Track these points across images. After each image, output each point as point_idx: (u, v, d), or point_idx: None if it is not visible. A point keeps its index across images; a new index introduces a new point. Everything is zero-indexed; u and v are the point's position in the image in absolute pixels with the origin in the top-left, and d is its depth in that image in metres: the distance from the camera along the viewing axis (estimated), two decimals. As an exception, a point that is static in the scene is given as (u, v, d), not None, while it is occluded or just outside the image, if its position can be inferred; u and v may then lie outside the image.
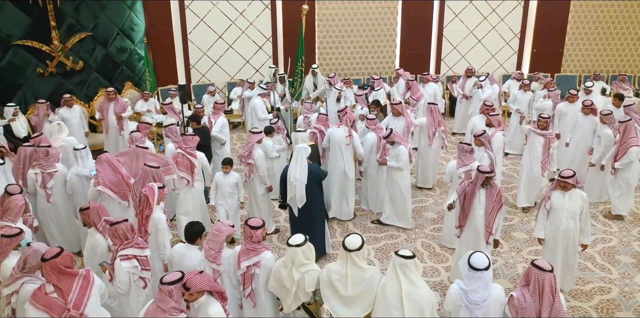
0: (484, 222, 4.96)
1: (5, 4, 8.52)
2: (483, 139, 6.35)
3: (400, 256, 3.54)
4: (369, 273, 3.69)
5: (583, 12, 12.05)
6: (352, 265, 3.69)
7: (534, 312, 3.33)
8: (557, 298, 3.34)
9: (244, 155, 6.31)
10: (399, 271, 3.54)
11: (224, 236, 4.06)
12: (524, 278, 3.46)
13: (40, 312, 3.38)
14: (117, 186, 5.28)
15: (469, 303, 3.40)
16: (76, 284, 3.48)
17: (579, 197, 4.86)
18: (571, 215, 4.86)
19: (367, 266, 3.75)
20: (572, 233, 4.91)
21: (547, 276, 3.33)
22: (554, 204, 4.87)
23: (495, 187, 4.96)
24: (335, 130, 6.77)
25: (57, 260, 3.41)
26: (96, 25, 9.70)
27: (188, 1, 11.15)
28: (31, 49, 8.96)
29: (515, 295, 3.42)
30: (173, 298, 3.21)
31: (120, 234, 3.92)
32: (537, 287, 3.33)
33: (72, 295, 3.43)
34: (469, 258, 3.45)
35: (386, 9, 11.96)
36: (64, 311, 3.40)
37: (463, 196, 4.96)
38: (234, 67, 11.81)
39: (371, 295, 3.66)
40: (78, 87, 9.80)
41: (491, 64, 12.51)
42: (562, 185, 4.82)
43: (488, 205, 4.91)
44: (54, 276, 3.40)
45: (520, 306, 3.35)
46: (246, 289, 4.00)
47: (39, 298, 3.41)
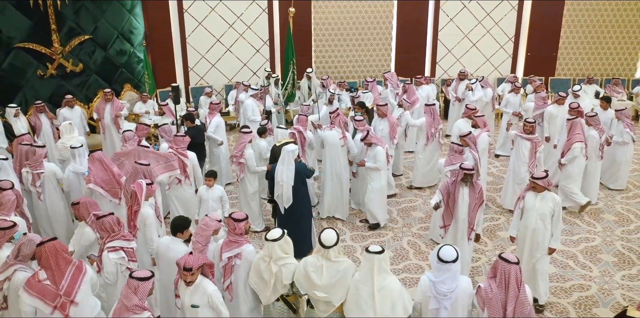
0: (467, 219, 5.09)
1: (7, 8, 8.76)
2: (468, 139, 6.50)
3: (370, 253, 3.68)
4: (343, 266, 3.84)
5: (577, 16, 12.20)
6: (327, 258, 3.85)
7: (500, 302, 3.47)
8: (522, 290, 3.48)
9: (236, 155, 6.48)
10: (371, 267, 3.67)
11: (211, 231, 4.23)
12: (491, 270, 3.60)
13: (34, 299, 3.56)
14: (108, 184, 5.45)
15: (437, 294, 3.54)
16: (69, 272, 3.66)
17: (551, 200, 4.89)
18: (540, 216, 4.90)
19: (342, 258, 3.90)
20: (540, 234, 4.94)
21: (512, 268, 3.46)
22: (526, 204, 4.96)
23: (477, 186, 5.09)
24: (328, 132, 6.93)
25: (54, 243, 3.61)
26: (96, 28, 9.93)
27: (187, 5, 11.36)
28: (32, 52, 9.20)
29: (482, 286, 3.56)
30: (137, 295, 3.29)
31: (107, 227, 4.09)
32: (504, 278, 3.47)
33: (64, 282, 3.61)
34: (438, 251, 3.60)
35: (382, 13, 12.15)
36: (57, 297, 3.57)
37: (447, 194, 5.10)
38: (232, 70, 12.02)
39: (345, 287, 3.80)
40: (78, 89, 10.02)
41: (486, 67, 12.66)
42: (533, 186, 4.90)
43: (471, 203, 5.05)
44: (50, 260, 3.58)
45: (487, 296, 3.49)
46: (225, 281, 4.13)
47: (33, 285, 3.58)
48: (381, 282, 3.65)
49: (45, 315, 3.58)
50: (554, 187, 8.01)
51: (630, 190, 8.01)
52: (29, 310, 3.58)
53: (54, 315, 3.58)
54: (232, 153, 6.65)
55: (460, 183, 5.09)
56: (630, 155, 7.89)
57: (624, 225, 6.95)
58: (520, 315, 3.44)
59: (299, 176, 5.91)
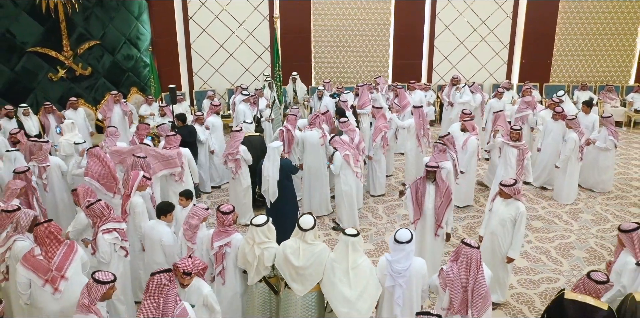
0: (434, 215, 5.37)
1: (22, 15, 9.34)
2: (446, 140, 6.82)
3: (347, 235, 4.03)
4: (318, 248, 4.15)
5: (570, 24, 12.49)
6: (304, 241, 4.16)
7: (460, 283, 3.76)
8: (480, 272, 3.76)
9: (232, 152, 6.86)
10: (346, 248, 4.00)
11: (200, 219, 4.61)
12: (453, 254, 3.89)
13: (28, 272, 3.97)
14: (104, 179, 5.86)
15: (393, 272, 3.87)
16: (61, 250, 4.07)
17: (515, 208, 4.96)
18: (500, 221, 5.01)
19: (317, 242, 4.22)
20: (497, 238, 5.05)
21: (474, 252, 3.76)
22: (493, 207, 5.17)
23: (444, 183, 5.33)
24: (308, 133, 7.28)
25: (49, 224, 4.03)
26: (104, 34, 10.47)
27: (192, 12, 11.88)
28: (44, 56, 9.75)
29: (444, 269, 3.87)
30: (89, 296, 3.45)
31: (98, 212, 4.50)
32: (465, 261, 3.75)
33: (56, 258, 4.02)
34: (395, 233, 3.95)
35: (379, 20, 12.56)
36: (48, 271, 3.98)
37: (415, 190, 5.42)
38: (234, 74, 12.48)
39: (320, 267, 4.10)
40: (86, 92, 10.55)
41: (481, 73, 12.98)
42: (499, 192, 5.05)
43: (437, 200, 5.29)
44: (45, 239, 3.99)
45: (449, 278, 3.79)
46: (217, 267, 4.46)
47: (28, 259, 4.00)
48: (355, 260, 3.96)
49: (39, 288, 3.98)
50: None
51: (612, 192, 8.25)
52: (24, 282, 3.98)
53: (45, 287, 3.97)
54: (226, 151, 7.03)
55: (427, 180, 5.36)
56: (612, 160, 8.15)
57: (601, 224, 7.20)
58: (477, 295, 3.73)
59: (284, 172, 6.29)
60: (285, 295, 4.21)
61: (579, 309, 3.48)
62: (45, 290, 3.99)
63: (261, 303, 4.39)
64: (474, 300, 3.73)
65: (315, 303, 4.12)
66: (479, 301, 3.73)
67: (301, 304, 4.10)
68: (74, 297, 3.85)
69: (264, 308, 4.41)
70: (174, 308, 3.46)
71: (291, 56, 12.09)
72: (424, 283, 4.00)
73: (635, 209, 7.65)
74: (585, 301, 3.47)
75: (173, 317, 3.42)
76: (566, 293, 3.61)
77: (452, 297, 3.77)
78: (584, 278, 3.56)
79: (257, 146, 7.20)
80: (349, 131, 7.18)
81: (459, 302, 3.75)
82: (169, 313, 3.43)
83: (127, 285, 4.80)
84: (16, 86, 9.57)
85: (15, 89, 9.54)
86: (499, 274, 5.15)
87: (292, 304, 4.13)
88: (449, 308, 3.81)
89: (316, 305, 4.13)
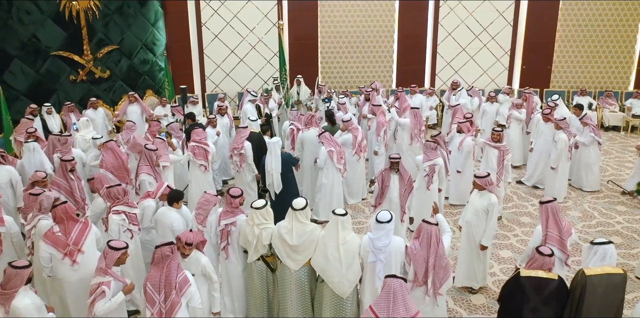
0: (399, 203, 5.83)
1: (47, 21, 10.04)
2: (439, 138, 7.26)
3: (337, 215, 4.47)
4: (310, 227, 4.58)
5: (570, 31, 12.87)
6: (297, 221, 4.58)
7: (422, 258, 4.21)
8: (440, 246, 4.20)
9: (237, 147, 7.36)
10: (336, 226, 4.43)
11: (211, 205, 5.07)
12: (416, 232, 4.33)
13: (49, 247, 4.49)
14: (117, 170, 6.44)
15: (374, 249, 4.30)
16: (77, 227, 4.59)
17: (487, 199, 5.30)
18: (474, 211, 5.35)
19: (309, 222, 4.66)
20: (471, 227, 5.39)
21: (433, 229, 4.21)
22: (470, 198, 5.59)
23: (407, 173, 5.85)
24: (306, 133, 7.77)
25: (66, 205, 4.56)
26: (122, 39, 11.15)
27: (205, 19, 12.53)
28: (66, 59, 10.45)
29: (409, 246, 4.33)
30: (105, 261, 3.90)
31: (113, 195, 5.04)
32: (425, 237, 4.20)
33: (73, 234, 4.54)
34: (377, 214, 4.40)
35: (384, 28, 13.07)
36: (66, 246, 4.50)
37: (381, 180, 5.92)
38: (244, 78, 13.07)
39: (312, 245, 4.53)
40: (105, 93, 11.21)
41: (483, 79, 13.39)
42: (474, 183, 5.45)
43: (401, 187, 5.79)
44: (62, 218, 4.52)
45: (412, 253, 4.25)
46: (222, 242, 4.93)
47: (48, 236, 4.53)
48: (344, 237, 4.39)
49: (59, 261, 4.50)
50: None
51: (602, 192, 8.58)
52: (46, 256, 4.50)
53: (64, 260, 4.49)
54: (232, 146, 7.54)
55: (391, 171, 5.86)
56: (596, 158, 8.46)
57: (586, 221, 7.54)
58: (439, 267, 4.18)
59: (286, 165, 6.77)
60: (281, 271, 4.66)
61: (534, 283, 3.87)
62: (65, 263, 4.49)
63: (260, 282, 4.84)
64: (435, 271, 4.17)
65: (307, 277, 4.57)
66: (440, 271, 4.18)
67: (295, 278, 4.55)
68: (90, 268, 4.34)
69: (262, 287, 4.87)
70: (176, 276, 3.87)
71: (299, 60, 12.66)
72: (403, 259, 4.43)
73: (622, 207, 7.97)
74: (538, 275, 3.86)
75: (176, 283, 3.87)
76: (522, 272, 3.98)
77: (417, 269, 4.21)
78: (534, 254, 3.96)
79: (255, 141, 7.67)
80: (352, 129, 7.64)
81: (423, 273, 4.19)
82: (172, 281, 3.85)
83: (139, 263, 5.27)
84: (41, 87, 10.25)
85: (39, 90, 10.23)
86: (474, 262, 5.52)
87: (287, 278, 4.59)
88: (414, 280, 4.24)
89: (308, 279, 4.58)
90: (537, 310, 3.85)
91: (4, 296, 3.66)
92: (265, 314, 4.94)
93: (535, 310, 3.85)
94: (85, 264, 4.52)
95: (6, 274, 3.71)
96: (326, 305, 4.43)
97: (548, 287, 3.83)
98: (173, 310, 3.79)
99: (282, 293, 4.71)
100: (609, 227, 7.31)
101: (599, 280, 3.72)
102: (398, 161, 5.84)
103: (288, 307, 4.68)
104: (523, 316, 3.88)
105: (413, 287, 4.29)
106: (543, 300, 3.83)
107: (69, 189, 5.85)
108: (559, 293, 3.82)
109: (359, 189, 8.26)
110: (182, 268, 4.00)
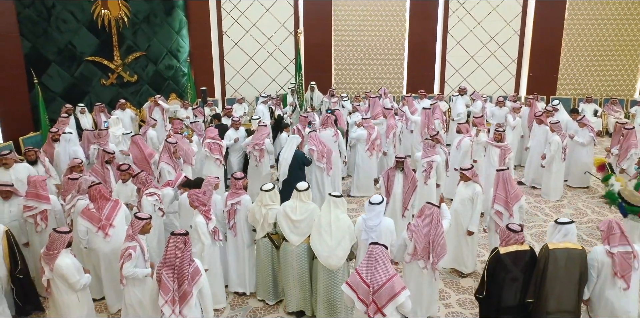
0: (401, 200, 6.35)
1: (82, 29, 10.95)
2: (439, 137, 7.82)
3: (332, 196, 5.04)
4: (311, 206, 5.18)
5: (576, 40, 13.31)
6: (300, 200, 5.18)
7: (423, 234, 4.71)
8: (440, 226, 4.72)
9: (259, 143, 7.97)
10: (329, 205, 4.98)
11: (212, 185, 5.73)
12: (419, 212, 4.86)
13: (85, 221, 5.20)
14: (140, 162, 7.20)
15: (366, 228, 4.88)
16: (108, 205, 5.30)
17: (472, 189, 5.88)
18: (461, 200, 5.91)
19: (310, 202, 5.24)
20: (459, 215, 5.92)
21: (434, 210, 4.73)
22: (457, 189, 6.13)
23: (411, 172, 6.34)
24: (323, 132, 8.36)
25: (99, 186, 5.29)
26: (149, 46, 12.00)
27: (225, 28, 13.34)
28: (98, 64, 11.33)
29: (412, 223, 4.86)
30: (132, 229, 4.52)
31: (142, 180, 5.74)
32: (427, 216, 4.71)
33: (105, 210, 5.24)
34: (370, 198, 4.99)
35: (395, 37, 13.72)
36: (100, 220, 5.20)
37: (387, 178, 6.45)
38: (262, 84, 13.82)
39: (312, 221, 5.09)
40: (132, 96, 12.05)
41: (491, 86, 13.88)
42: (461, 175, 6.01)
43: (405, 186, 6.29)
44: (96, 197, 5.25)
45: (415, 229, 4.75)
46: (230, 221, 5.56)
47: (85, 212, 5.24)
48: (337, 216, 4.92)
49: (94, 234, 5.20)
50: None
51: (597, 192, 8.99)
52: (83, 229, 5.20)
53: (98, 233, 5.18)
54: (253, 142, 8.06)
55: (396, 170, 6.38)
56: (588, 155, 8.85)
57: (579, 218, 7.96)
58: (437, 244, 4.69)
59: (296, 161, 7.37)
60: (284, 247, 5.26)
61: (512, 257, 4.38)
62: (98, 235, 5.19)
63: (265, 257, 5.46)
64: (434, 247, 4.70)
65: (305, 252, 5.15)
66: (438, 248, 4.70)
67: (295, 253, 5.14)
68: (121, 241, 4.98)
69: (267, 261, 5.48)
70: (189, 267, 4.09)
71: (314, 67, 13.37)
72: (392, 238, 4.99)
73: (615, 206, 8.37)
74: (514, 249, 4.39)
75: (188, 274, 4.08)
76: (500, 250, 4.46)
77: (417, 244, 4.74)
78: (505, 231, 4.48)
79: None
80: (368, 127, 8.25)
81: (422, 248, 4.72)
82: (185, 271, 4.06)
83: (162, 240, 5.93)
84: (75, 89, 11.14)
85: (74, 92, 11.12)
86: (462, 247, 6.05)
87: (289, 253, 5.18)
88: (414, 253, 4.77)
89: (306, 254, 5.16)
90: (516, 278, 4.38)
91: (49, 256, 4.35)
92: (271, 287, 5.55)
93: (515, 279, 4.38)
94: (116, 237, 5.20)
95: (50, 238, 4.40)
96: (321, 279, 4.99)
97: (524, 257, 4.35)
98: (185, 298, 4.05)
99: (285, 269, 5.30)
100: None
101: (561, 253, 4.24)
102: (403, 161, 6.35)
103: (290, 280, 5.26)
104: (505, 285, 4.39)
105: (411, 259, 4.83)
106: (521, 269, 4.36)
107: (103, 177, 6.58)
108: (532, 261, 4.37)
109: (369, 186, 8.77)
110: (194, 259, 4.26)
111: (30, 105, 10.15)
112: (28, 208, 5.43)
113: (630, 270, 4.28)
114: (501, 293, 4.36)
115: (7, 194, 5.50)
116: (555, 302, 4.29)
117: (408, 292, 3.85)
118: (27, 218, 5.45)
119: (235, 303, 5.71)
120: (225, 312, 5.54)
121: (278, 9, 13.33)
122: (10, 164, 6.38)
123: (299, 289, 5.24)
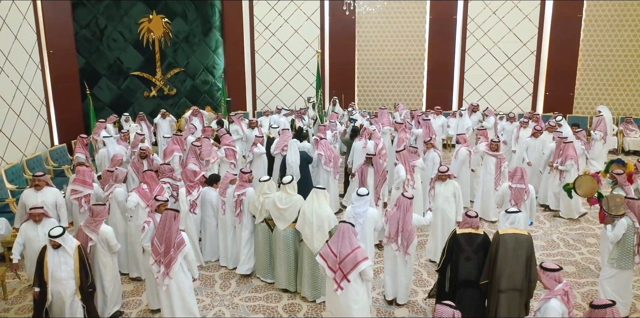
0: (374, 192, 7.11)
1: (129, 47, 12.38)
2: (433, 142, 8.60)
3: (317, 188, 5.84)
4: (295, 197, 5.98)
5: (592, 60, 13.71)
6: (285, 192, 5.99)
7: (396, 219, 5.48)
8: (409, 215, 5.46)
9: (281, 148, 8.89)
10: (313, 196, 5.77)
11: (228, 180, 6.69)
12: (396, 201, 5.62)
13: (139, 197, 6.21)
14: None
15: (354, 215, 5.66)
16: (157, 188, 6.36)
17: (452, 185, 6.65)
18: (445, 198, 6.61)
19: (294, 193, 6.02)
20: (447, 213, 6.64)
21: (405, 201, 5.47)
22: (436, 191, 6.81)
23: (380, 167, 7.20)
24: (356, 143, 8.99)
25: (151, 172, 6.48)
26: (188, 63, 13.33)
27: (257, 47, 14.57)
28: (141, 78, 12.71)
29: (388, 210, 5.65)
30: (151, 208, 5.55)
31: (188, 176, 6.80)
32: (400, 205, 5.50)
33: (154, 192, 6.25)
34: (357, 190, 5.79)
35: (415, 56, 14.54)
36: (150, 198, 6.11)
37: (360, 172, 7.35)
38: (290, 99, 14.91)
39: (295, 210, 5.89)
40: (171, 108, 13.35)
41: (508, 104, 14.41)
42: (439, 177, 6.75)
43: (376, 179, 7.14)
44: (147, 180, 6.37)
45: (389, 215, 5.54)
46: (236, 210, 6.48)
47: (139, 190, 6.28)
48: (319, 205, 5.70)
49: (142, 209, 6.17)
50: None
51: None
52: (133, 202, 6.16)
53: (146, 209, 6.12)
54: (280, 144, 8.87)
55: (367, 165, 7.29)
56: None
57: (571, 225, 8.41)
58: (405, 230, 5.42)
59: (302, 160, 8.23)
60: (274, 232, 6.14)
61: (467, 238, 5.04)
62: (146, 211, 6.12)
63: (263, 239, 6.32)
64: (403, 232, 5.46)
65: (291, 236, 5.98)
66: (406, 232, 5.45)
67: (282, 236, 5.99)
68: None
69: (265, 243, 6.34)
70: (176, 237, 4.98)
71: (338, 84, 14.35)
72: (377, 225, 5.76)
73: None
74: (469, 231, 5.07)
75: (174, 242, 4.96)
76: (457, 231, 5.13)
77: (390, 228, 5.52)
78: (464, 217, 5.17)
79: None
80: (374, 138, 9.07)
81: (394, 232, 5.49)
82: (172, 240, 4.94)
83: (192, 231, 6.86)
84: (121, 100, 12.55)
85: (120, 102, 12.52)
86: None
87: (277, 236, 6.04)
88: (389, 236, 5.55)
89: (292, 238, 5.99)
90: (470, 258, 5.03)
91: (95, 223, 5.29)
92: (267, 267, 6.39)
93: (468, 259, 5.03)
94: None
95: (95, 210, 5.33)
96: (306, 259, 5.81)
97: (477, 239, 5.02)
98: (171, 263, 4.93)
99: (274, 250, 6.16)
100: (589, 231, 8.17)
101: (509, 237, 4.87)
102: (371, 157, 7.32)
103: (278, 260, 6.12)
104: (459, 263, 5.07)
105: (387, 242, 5.61)
106: (474, 250, 5.01)
107: (138, 169, 7.74)
108: (484, 245, 5.02)
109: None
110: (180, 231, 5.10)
111: (82, 113, 11.57)
112: (75, 191, 6.53)
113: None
114: (457, 268, 5.03)
115: (39, 217, 5.56)
116: (506, 281, 4.89)
117: (369, 262, 4.62)
118: (72, 200, 6.54)
119: (241, 281, 6.57)
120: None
121: (305, 30, 14.47)
122: (41, 186, 6.27)
123: (284, 268, 6.07)
